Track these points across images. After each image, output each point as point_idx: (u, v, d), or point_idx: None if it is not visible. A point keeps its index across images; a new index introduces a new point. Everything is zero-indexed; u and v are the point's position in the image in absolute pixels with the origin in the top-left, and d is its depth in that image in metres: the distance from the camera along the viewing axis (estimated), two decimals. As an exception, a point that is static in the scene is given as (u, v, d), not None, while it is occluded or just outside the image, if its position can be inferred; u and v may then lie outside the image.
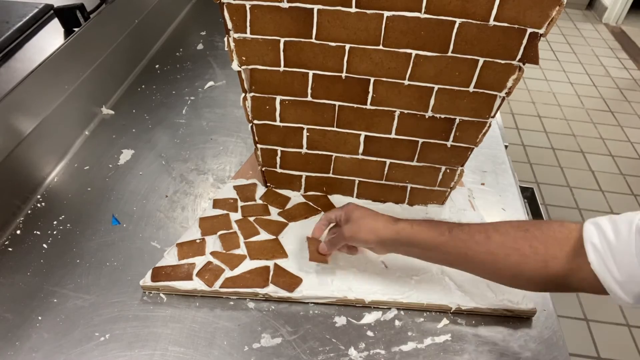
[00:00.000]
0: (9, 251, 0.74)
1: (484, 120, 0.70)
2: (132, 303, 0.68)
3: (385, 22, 0.60)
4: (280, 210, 0.82)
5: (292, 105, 0.72)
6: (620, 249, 0.47)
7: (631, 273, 0.47)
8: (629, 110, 2.56)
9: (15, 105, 0.79)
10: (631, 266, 0.46)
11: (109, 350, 0.62)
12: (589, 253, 0.49)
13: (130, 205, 0.83)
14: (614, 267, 0.48)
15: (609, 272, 0.48)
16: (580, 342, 1.51)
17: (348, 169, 0.81)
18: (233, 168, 0.92)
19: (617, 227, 0.48)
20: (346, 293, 0.69)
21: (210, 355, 0.62)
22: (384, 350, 0.64)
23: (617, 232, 0.48)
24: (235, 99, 1.11)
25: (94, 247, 0.75)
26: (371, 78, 0.67)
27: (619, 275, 0.47)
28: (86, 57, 0.99)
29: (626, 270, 0.47)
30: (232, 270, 0.71)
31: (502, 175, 0.93)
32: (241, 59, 0.66)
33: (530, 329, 0.68)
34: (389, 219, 0.66)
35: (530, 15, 0.56)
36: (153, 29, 1.30)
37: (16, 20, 0.92)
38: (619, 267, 0.47)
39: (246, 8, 0.61)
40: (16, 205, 0.80)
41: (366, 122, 0.73)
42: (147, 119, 1.04)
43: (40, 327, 0.64)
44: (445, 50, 0.62)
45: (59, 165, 0.90)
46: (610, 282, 0.48)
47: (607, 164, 2.21)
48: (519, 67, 0.62)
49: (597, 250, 0.49)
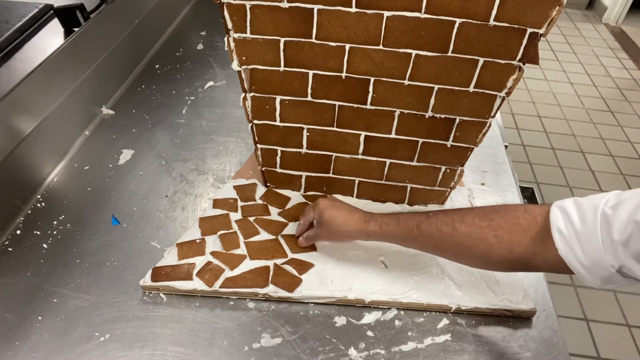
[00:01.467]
0: (9, 251, 0.74)
1: (484, 120, 0.70)
2: (132, 303, 0.68)
3: (385, 22, 0.60)
4: (280, 210, 0.83)
5: (292, 105, 0.72)
6: (586, 235, 0.49)
7: (596, 258, 0.48)
8: (629, 110, 2.56)
9: (15, 105, 0.79)
10: (597, 252, 0.48)
11: (109, 350, 0.62)
12: (555, 239, 0.51)
13: (130, 205, 0.83)
14: (580, 253, 0.50)
15: (576, 257, 0.50)
16: (580, 342, 1.51)
17: (348, 169, 0.81)
18: (233, 168, 0.92)
19: (582, 212, 0.50)
20: (346, 293, 0.69)
21: (210, 355, 0.62)
22: (384, 350, 0.64)
23: (583, 217, 0.50)
24: (235, 99, 1.11)
25: (94, 247, 0.75)
26: (371, 78, 0.67)
27: (585, 260, 0.49)
28: (86, 57, 0.99)
29: (592, 255, 0.49)
30: (232, 270, 0.71)
31: (502, 175, 0.93)
32: (241, 59, 0.66)
33: (530, 329, 0.68)
34: (359, 220, 0.67)
35: (530, 15, 0.56)
36: (153, 29, 1.30)
37: (16, 20, 0.92)
38: (585, 253, 0.49)
39: (246, 8, 0.61)
40: (16, 205, 0.80)
41: (366, 122, 0.73)
42: (147, 119, 1.04)
43: (40, 327, 0.64)
44: (445, 50, 0.62)
45: (59, 165, 0.90)
46: (578, 266, 0.50)
47: (607, 164, 2.21)
48: (519, 67, 0.62)
49: (563, 236, 0.51)
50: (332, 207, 0.70)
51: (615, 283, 0.49)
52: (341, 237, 0.71)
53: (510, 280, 0.72)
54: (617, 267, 0.47)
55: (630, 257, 0.46)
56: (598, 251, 0.48)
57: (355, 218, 0.68)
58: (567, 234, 0.50)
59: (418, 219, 0.63)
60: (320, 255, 0.74)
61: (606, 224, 0.47)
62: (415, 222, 0.63)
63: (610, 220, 0.47)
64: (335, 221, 0.69)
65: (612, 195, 0.49)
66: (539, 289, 0.73)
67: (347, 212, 0.69)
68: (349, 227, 0.68)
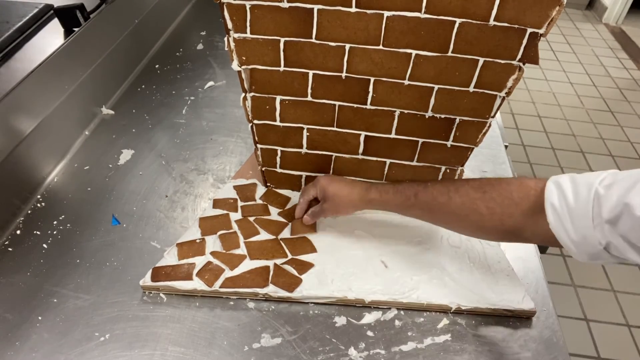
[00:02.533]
0: (9, 251, 0.74)
1: (484, 120, 0.70)
2: (132, 303, 0.68)
3: (385, 22, 0.60)
4: (280, 210, 0.82)
5: (292, 105, 0.72)
6: (578, 212, 0.50)
7: (586, 235, 0.50)
8: (629, 110, 2.56)
9: (15, 105, 0.79)
10: (587, 229, 0.49)
11: (109, 350, 0.62)
12: (548, 214, 0.52)
13: (130, 205, 0.83)
14: (570, 228, 0.51)
15: (566, 232, 0.51)
16: (580, 342, 1.51)
17: (348, 169, 0.81)
18: (233, 168, 0.92)
19: (577, 189, 0.51)
20: (346, 293, 0.69)
21: (210, 355, 0.62)
22: (384, 350, 0.64)
23: (577, 194, 0.50)
24: (235, 99, 1.11)
25: (94, 247, 0.75)
26: (371, 78, 0.67)
27: (575, 236, 0.51)
28: (86, 57, 0.99)
29: (581, 232, 0.50)
30: (232, 270, 0.71)
31: (502, 175, 0.93)
32: (241, 59, 0.66)
33: (530, 329, 0.68)
34: (361, 189, 0.71)
35: (530, 15, 0.56)
36: (153, 29, 1.30)
37: (16, 20, 0.92)
38: (575, 229, 0.50)
39: (246, 8, 0.61)
40: (16, 205, 0.80)
41: (366, 122, 0.73)
42: (147, 119, 1.04)
43: (40, 327, 0.64)
44: (445, 50, 0.62)
45: (59, 165, 0.90)
46: (567, 240, 0.52)
47: (607, 164, 2.21)
48: (519, 67, 0.62)
49: (556, 211, 0.52)
50: (334, 181, 0.73)
51: (602, 259, 0.51)
52: (347, 207, 0.74)
53: (510, 280, 0.72)
54: (605, 244, 0.48)
55: (618, 235, 0.47)
56: (587, 228, 0.49)
57: (357, 188, 0.71)
58: (560, 210, 0.51)
59: (416, 188, 0.66)
60: (320, 255, 0.74)
61: (598, 202, 0.48)
62: (413, 191, 0.66)
63: (602, 199, 0.48)
64: (340, 193, 0.72)
65: (608, 175, 0.50)
66: (539, 289, 0.73)
67: (349, 184, 0.73)
68: (353, 196, 0.71)
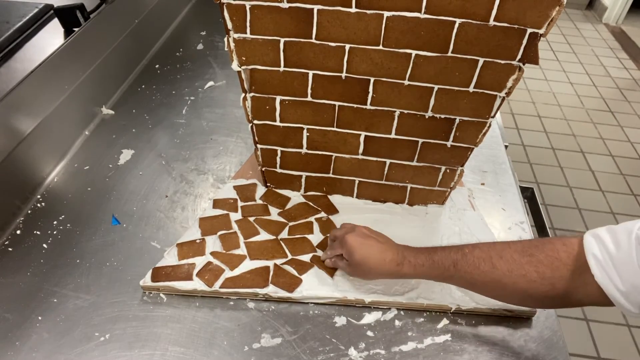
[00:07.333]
0: (9, 251, 0.74)
1: (484, 120, 0.70)
2: (132, 303, 0.68)
3: (385, 22, 0.60)
4: (280, 210, 0.82)
5: (292, 105, 0.72)
6: (622, 259, 0.47)
7: (634, 283, 0.47)
8: (629, 110, 2.56)
9: (15, 105, 0.79)
10: (635, 277, 0.47)
11: (109, 350, 0.62)
12: (591, 266, 0.50)
13: (130, 205, 0.83)
14: (617, 278, 0.48)
15: (612, 283, 0.48)
16: (580, 342, 1.51)
17: (348, 169, 0.81)
18: (233, 168, 0.92)
19: (616, 238, 0.49)
20: (346, 293, 0.69)
21: (210, 355, 0.62)
22: (384, 350, 0.64)
23: (617, 242, 0.48)
24: (235, 99, 1.11)
25: (94, 247, 0.75)
26: (371, 78, 0.67)
27: (622, 286, 0.48)
28: (86, 57, 0.99)
29: (629, 280, 0.47)
30: (232, 270, 0.71)
31: (502, 175, 0.93)
32: (241, 59, 0.66)
33: (530, 329, 0.68)
34: (392, 262, 0.64)
35: (530, 15, 0.56)
36: (153, 29, 1.30)
37: (16, 20, 0.92)
38: (622, 278, 0.48)
39: (246, 8, 0.61)
40: (16, 205, 0.80)
41: (366, 122, 0.73)
42: (147, 119, 1.04)
43: (40, 327, 0.64)
44: (445, 50, 0.62)
45: (59, 165, 0.90)
46: (615, 292, 0.48)
47: (607, 164, 2.21)
48: (519, 67, 0.62)
49: (599, 262, 0.49)
50: (363, 247, 0.66)
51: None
52: (374, 277, 0.69)
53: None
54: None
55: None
56: (635, 274, 0.46)
57: (388, 260, 0.64)
58: (603, 260, 0.49)
59: (454, 257, 0.61)
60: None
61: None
62: (451, 261, 0.61)
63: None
64: (368, 263, 0.65)
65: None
66: (539, 289, 0.73)
67: (379, 253, 0.65)
68: (383, 269, 0.65)
